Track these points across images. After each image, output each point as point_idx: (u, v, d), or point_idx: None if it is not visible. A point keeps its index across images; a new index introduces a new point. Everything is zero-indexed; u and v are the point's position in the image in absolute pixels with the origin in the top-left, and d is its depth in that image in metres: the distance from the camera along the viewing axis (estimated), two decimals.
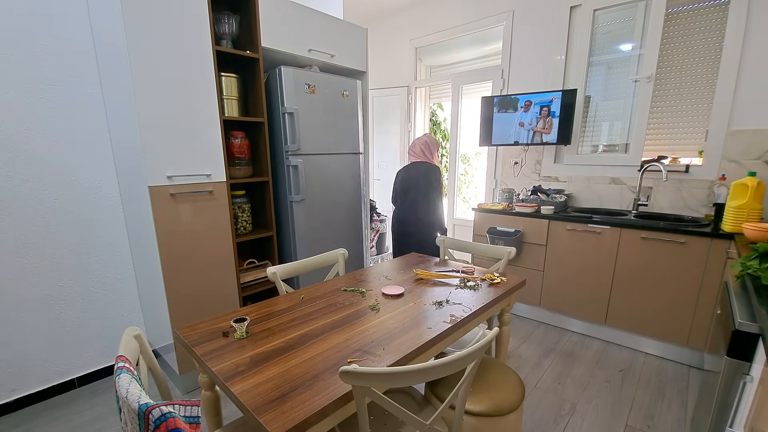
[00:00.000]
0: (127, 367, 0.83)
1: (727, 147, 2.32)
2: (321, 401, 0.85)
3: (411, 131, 4.16)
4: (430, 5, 3.72)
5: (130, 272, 2.23)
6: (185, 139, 1.85)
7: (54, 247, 1.94)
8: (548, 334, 2.66)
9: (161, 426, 0.67)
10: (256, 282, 2.30)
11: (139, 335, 1.01)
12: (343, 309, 1.36)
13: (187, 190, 1.87)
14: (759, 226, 1.72)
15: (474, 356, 0.93)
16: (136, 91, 1.67)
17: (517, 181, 3.31)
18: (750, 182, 1.99)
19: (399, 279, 1.68)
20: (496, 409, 1.19)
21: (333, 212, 2.58)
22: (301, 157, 2.30)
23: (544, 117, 2.86)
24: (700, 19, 2.38)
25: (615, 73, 2.78)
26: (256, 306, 1.40)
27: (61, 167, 1.93)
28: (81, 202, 2.01)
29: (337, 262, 1.86)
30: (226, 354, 1.06)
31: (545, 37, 2.98)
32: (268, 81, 2.26)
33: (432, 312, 1.33)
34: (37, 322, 1.92)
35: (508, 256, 1.84)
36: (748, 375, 1.01)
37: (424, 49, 3.96)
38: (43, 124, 1.85)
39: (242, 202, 2.25)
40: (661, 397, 1.97)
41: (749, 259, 1.27)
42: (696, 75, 2.44)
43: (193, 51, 1.83)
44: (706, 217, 2.37)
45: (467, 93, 3.70)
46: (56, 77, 1.87)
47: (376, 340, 1.13)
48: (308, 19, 2.33)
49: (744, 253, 1.56)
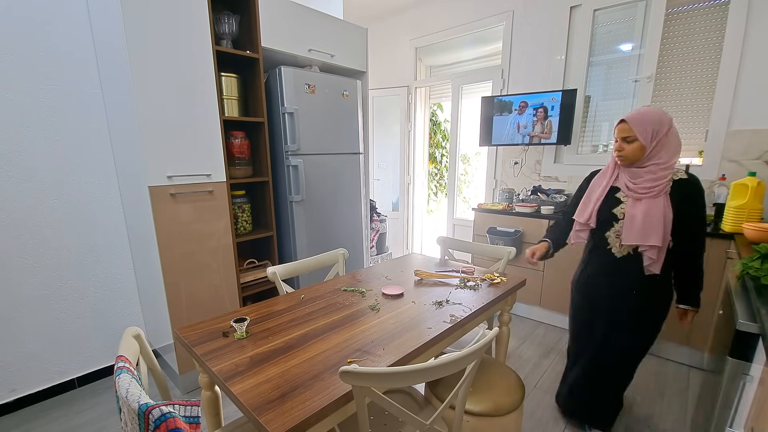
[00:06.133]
0: (127, 367, 0.83)
1: (727, 147, 2.32)
2: (321, 401, 0.85)
3: (411, 131, 4.16)
4: (430, 5, 3.71)
5: (130, 272, 2.23)
6: (185, 139, 1.85)
7: (54, 247, 1.94)
8: (548, 334, 2.66)
9: (161, 426, 0.67)
10: (256, 282, 2.30)
11: (139, 335, 1.01)
12: (343, 309, 1.36)
13: (187, 190, 1.87)
14: (759, 226, 1.72)
15: (474, 356, 0.93)
16: (136, 91, 1.67)
17: (517, 181, 3.31)
18: (750, 182, 1.99)
19: (399, 279, 1.67)
20: (496, 409, 1.19)
21: (333, 212, 2.58)
22: (301, 157, 2.30)
23: (541, 120, 2.86)
24: (700, 19, 2.38)
25: (615, 73, 2.78)
26: (256, 306, 1.40)
27: (61, 167, 1.93)
28: (81, 202, 2.01)
29: (337, 262, 1.86)
30: (226, 354, 1.06)
31: (545, 37, 2.98)
32: (268, 81, 2.26)
33: (432, 312, 1.33)
34: (37, 322, 1.92)
35: (508, 256, 1.84)
36: (748, 375, 1.01)
37: (424, 49, 3.95)
38: (43, 123, 1.85)
39: (242, 202, 2.25)
40: (661, 397, 1.97)
41: (751, 260, 1.27)
42: (696, 75, 2.44)
43: (193, 51, 1.83)
44: (706, 217, 2.36)
45: (467, 93, 3.70)
46: (56, 77, 1.87)
47: (376, 340, 1.13)
48: (308, 19, 2.33)
49: (744, 253, 1.56)
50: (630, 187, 1.40)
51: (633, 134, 1.34)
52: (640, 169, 1.39)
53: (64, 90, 1.90)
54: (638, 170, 1.39)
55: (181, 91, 1.81)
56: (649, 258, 1.38)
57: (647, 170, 1.37)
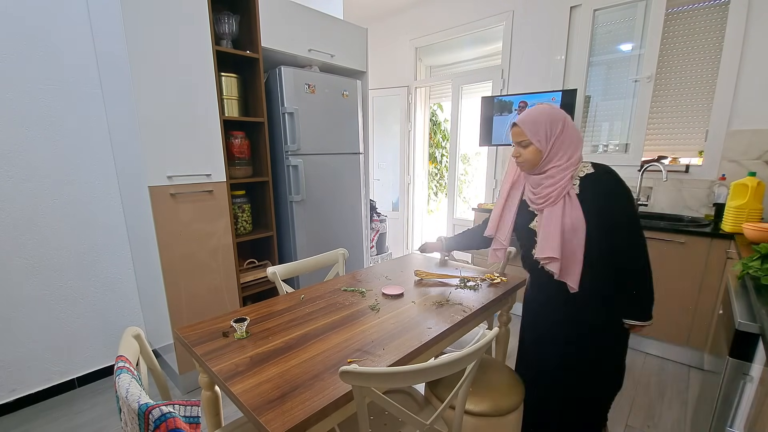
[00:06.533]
0: (127, 367, 0.83)
1: (727, 147, 2.32)
2: (321, 401, 0.85)
3: (411, 131, 4.16)
4: (430, 5, 3.71)
5: (130, 272, 2.23)
6: (185, 139, 1.85)
7: (54, 247, 1.94)
8: None
9: (161, 426, 0.67)
10: (256, 282, 2.30)
11: (139, 335, 1.01)
12: (343, 309, 1.36)
13: (187, 190, 1.87)
14: (759, 226, 1.72)
15: (474, 356, 0.93)
16: (136, 91, 1.67)
17: None
18: (750, 182, 1.99)
19: (399, 279, 1.67)
20: (496, 409, 1.19)
21: (333, 212, 2.58)
22: (301, 157, 2.30)
23: None
24: (700, 19, 2.38)
25: (615, 73, 2.78)
26: (256, 306, 1.40)
27: (61, 167, 1.93)
28: (81, 201, 2.01)
29: (337, 262, 1.86)
30: (226, 354, 1.06)
31: (545, 37, 2.98)
32: (268, 81, 2.26)
33: (432, 312, 1.33)
34: (37, 322, 1.92)
35: (508, 256, 1.84)
36: (748, 375, 1.01)
37: (424, 49, 3.95)
38: (42, 123, 1.85)
39: (242, 202, 2.25)
40: (661, 397, 1.97)
41: (751, 260, 1.27)
42: (696, 75, 2.44)
43: (193, 51, 1.83)
44: (706, 217, 2.37)
45: (467, 93, 3.70)
46: (56, 77, 1.87)
47: (376, 340, 1.13)
48: (308, 19, 2.33)
49: (744, 253, 1.56)
50: (532, 199, 1.28)
51: (526, 137, 1.21)
52: (539, 176, 1.24)
53: (64, 90, 1.90)
54: (538, 177, 1.25)
55: (181, 91, 1.81)
56: (552, 272, 1.22)
57: (547, 175, 1.22)
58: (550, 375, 1.38)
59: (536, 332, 1.43)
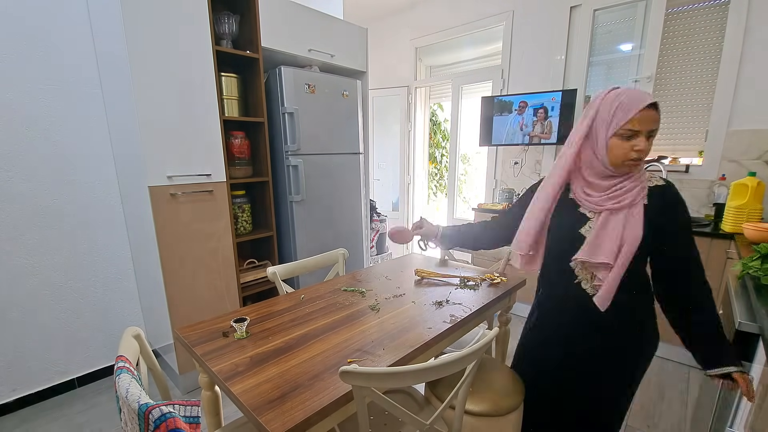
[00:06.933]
0: (127, 367, 0.83)
1: (727, 147, 2.32)
2: (321, 401, 0.85)
3: (411, 131, 4.16)
4: (430, 5, 3.71)
5: (130, 272, 2.23)
6: (185, 139, 1.85)
7: (54, 247, 1.94)
8: None
9: (161, 426, 0.67)
10: (256, 282, 2.30)
11: (139, 335, 1.01)
12: (343, 309, 1.36)
13: (187, 190, 1.87)
14: (759, 226, 1.72)
15: (474, 356, 0.93)
16: (135, 91, 1.67)
17: (517, 181, 3.31)
18: (750, 182, 1.99)
19: (399, 279, 1.67)
20: (496, 409, 1.19)
21: (333, 212, 2.58)
22: (301, 157, 2.30)
23: (541, 120, 2.86)
24: (700, 19, 2.38)
25: (615, 73, 2.78)
26: (256, 306, 1.40)
27: (61, 167, 1.93)
28: (81, 201, 2.01)
29: (337, 262, 1.86)
30: (226, 354, 1.06)
31: (545, 37, 2.98)
32: (268, 81, 2.26)
33: (432, 312, 1.33)
34: (37, 322, 1.92)
35: (508, 256, 1.84)
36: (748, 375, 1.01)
37: (424, 49, 3.95)
38: (42, 123, 1.85)
39: (242, 202, 2.25)
40: (661, 397, 1.97)
41: (751, 260, 1.27)
42: (696, 75, 2.44)
43: (193, 51, 1.82)
44: (706, 217, 2.37)
45: (467, 93, 3.70)
46: (56, 77, 1.87)
47: (376, 340, 1.13)
48: (308, 19, 2.33)
49: (744, 253, 1.56)
50: (593, 200, 1.06)
51: (658, 126, 0.96)
52: (611, 178, 1.03)
53: (64, 90, 1.90)
54: (615, 180, 1.03)
55: (181, 91, 1.81)
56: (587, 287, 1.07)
57: (630, 174, 1.01)
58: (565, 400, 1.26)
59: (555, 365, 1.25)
